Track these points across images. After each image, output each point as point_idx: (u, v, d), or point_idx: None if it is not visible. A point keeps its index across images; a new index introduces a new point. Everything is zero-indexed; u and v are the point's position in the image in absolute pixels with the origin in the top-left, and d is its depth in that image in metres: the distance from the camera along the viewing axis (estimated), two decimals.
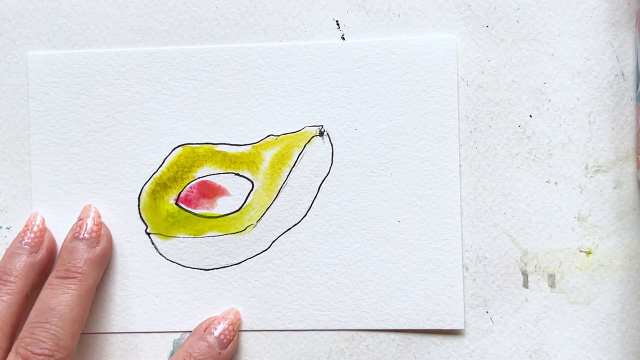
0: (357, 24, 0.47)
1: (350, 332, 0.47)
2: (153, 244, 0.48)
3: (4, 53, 0.49)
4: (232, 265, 0.48)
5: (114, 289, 0.48)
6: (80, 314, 0.44)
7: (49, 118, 0.48)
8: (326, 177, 0.47)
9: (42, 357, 0.42)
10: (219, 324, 0.46)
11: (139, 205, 0.48)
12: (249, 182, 0.47)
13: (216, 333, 0.46)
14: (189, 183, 0.48)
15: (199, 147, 0.48)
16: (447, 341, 0.47)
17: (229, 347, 0.46)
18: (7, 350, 0.44)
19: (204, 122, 0.48)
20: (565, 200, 0.47)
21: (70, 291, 0.44)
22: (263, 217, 0.47)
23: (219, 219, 0.48)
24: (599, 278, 0.47)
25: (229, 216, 0.48)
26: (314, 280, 0.47)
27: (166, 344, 0.48)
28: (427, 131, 0.47)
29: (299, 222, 0.47)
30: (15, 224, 0.48)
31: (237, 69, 0.48)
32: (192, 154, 0.48)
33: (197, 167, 0.48)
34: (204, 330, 0.46)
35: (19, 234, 0.47)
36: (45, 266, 0.47)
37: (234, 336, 0.46)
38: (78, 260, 0.45)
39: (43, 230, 0.47)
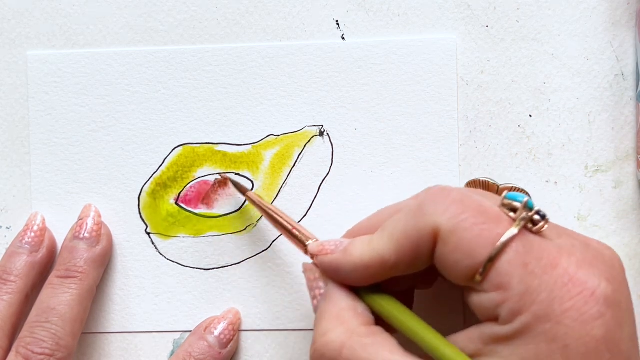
0: (357, 24, 0.47)
1: None
2: (153, 243, 0.48)
3: (4, 53, 0.49)
4: (232, 265, 0.48)
5: (114, 289, 0.48)
6: (81, 314, 0.44)
7: (49, 118, 0.48)
8: (326, 177, 0.47)
9: (42, 356, 0.42)
10: (219, 323, 0.46)
11: (139, 205, 0.48)
12: (249, 182, 0.47)
13: (216, 333, 0.46)
14: (189, 183, 0.48)
15: (199, 147, 0.48)
16: None
17: (229, 346, 0.46)
18: (8, 350, 0.44)
19: (204, 122, 0.48)
20: (565, 200, 0.47)
21: (70, 291, 0.44)
22: (263, 217, 0.47)
23: (219, 218, 0.48)
24: None
25: (229, 216, 0.48)
26: None
27: (166, 343, 0.48)
28: (427, 131, 0.47)
29: (299, 221, 0.47)
30: (15, 224, 0.48)
31: (237, 69, 0.48)
32: (192, 154, 0.48)
33: (197, 166, 0.48)
34: (204, 330, 0.46)
35: (19, 233, 0.47)
36: (45, 266, 0.47)
37: (234, 336, 0.46)
38: (78, 260, 0.45)
39: (43, 229, 0.47)
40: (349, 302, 0.38)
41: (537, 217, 0.35)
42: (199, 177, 0.48)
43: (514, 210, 0.35)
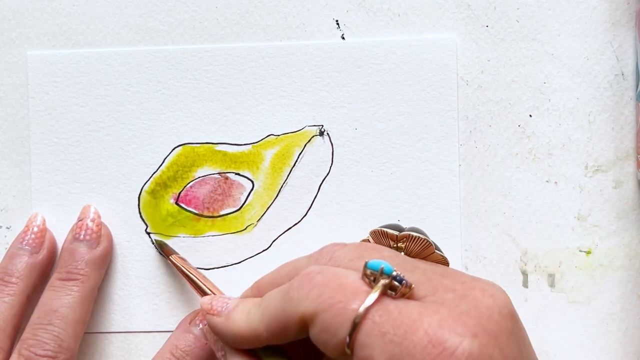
0: (357, 23, 0.47)
1: None
2: (153, 243, 0.48)
3: (4, 53, 0.48)
4: (232, 265, 0.48)
5: (114, 289, 0.48)
6: (83, 316, 0.45)
7: (49, 118, 0.48)
8: (326, 176, 0.47)
9: (45, 358, 0.42)
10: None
11: (139, 205, 0.48)
12: (249, 181, 0.48)
13: (201, 324, 0.46)
14: (189, 182, 0.48)
15: (199, 147, 0.48)
16: None
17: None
18: (9, 352, 0.44)
19: (204, 122, 0.48)
20: (565, 200, 0.47)
21: (72, 293, 0.44)
22: (263, 217, 0.47)
23: (219, 218, 0.48)
24: (599, 278, 0.47)
25: (229, 216, 0.48)
26: None
27: None
28: (427, 131, 0.47)
29: (300, 221, 0.47)
30: (15, 224, 0.48)
31: (237, 69, 0.48)
32: (192, 154, 0.48)
33: (197, 166, 0.48)
34: (189, 323, 0.46)
35: (19, 234, 0.47)
36: (46, 267, 0.47)
37: None
38: (79, 262, 0.45)
39: (43, 230, 0.47)
40: None
41: (395, 282, 0.34)
42: (199, 177, 0.48)
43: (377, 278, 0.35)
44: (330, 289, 0.35)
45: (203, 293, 0.44)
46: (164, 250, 0.47)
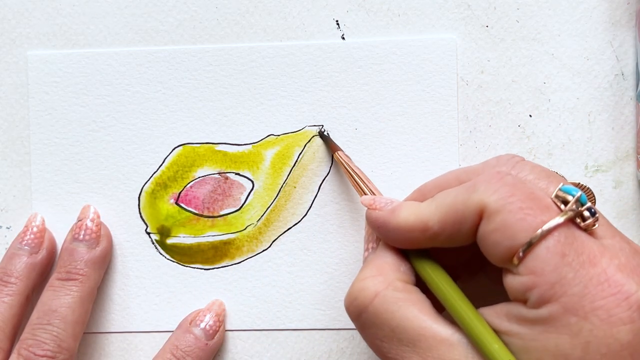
0: (357, 24, 0.47)
1: (350, 332, 0.47)
2: (153, 243, 0.48)
3: (4, 53, 0.48)
4: (232, 265, 0.48)
5: (114, 289, 0.48)
6: (82, 316, 0.45)
7: (49, 118, 0.48)
8: (326, 176, 0.47)
9: (44, 358, 0.42)
10: (205, 315, 0.46)
11: (139, 205, 0.48)
12: (250, 181, 0.48)
13: (202, 325, 0.46)
14: (189, 182, 0.48)
15: (199, 147, 0.48)
16: None
17: (215, 337, 0.46)
18: (8, 352, 0.44)
19: (204, 122, 0.48)
20: None
21: (72, 293, 0.44)
22: (263, 217, 0.47)
23: (219, 218, 0.48)
24: None
25: (229, 216, 0.48)
26: (314, 280, 0.47)
27: None
28: (427, 131, 0.47)
29: (300, 221, 0.47)
30: (15, 224, 0.48)
31: (237, 69, 0.48)
32: (192, 154, 0.48)
33: (198, 166, 0.48)
34: (190, 323, 0.46)
35: (19, 234, 0.47)
36: (45, 267, 0.47)
37: (219, 327, 0.46)
38: (79, 262, 0.45)
39: (43, 230, 0.47)
40: (394, 258, 0.39)
41: (587, 213, 0.35)
42: (199, 177, 0.48)
43: (567, 203, 0.35)
44: (522, 193, 0.35)
45: (364, 193, 0.43)
46: (330, 146, 0.47)
